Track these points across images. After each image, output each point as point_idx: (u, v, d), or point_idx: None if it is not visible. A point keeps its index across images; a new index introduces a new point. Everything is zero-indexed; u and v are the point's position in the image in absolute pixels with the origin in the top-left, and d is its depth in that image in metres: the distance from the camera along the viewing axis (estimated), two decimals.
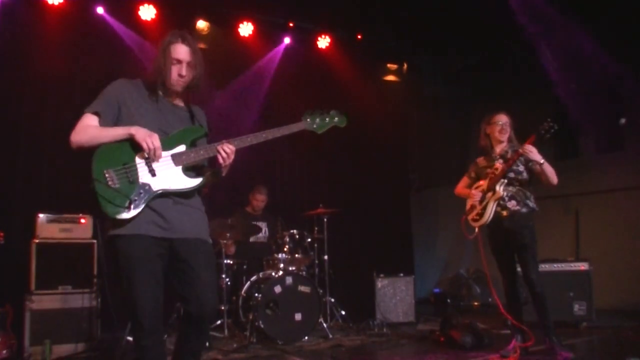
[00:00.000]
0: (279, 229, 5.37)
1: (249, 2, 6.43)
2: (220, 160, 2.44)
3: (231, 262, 5.29)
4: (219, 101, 6.31)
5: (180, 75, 2.47)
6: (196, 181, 2.44)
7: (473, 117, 8.69)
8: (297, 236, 5.23)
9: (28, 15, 5.41)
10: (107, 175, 2.27)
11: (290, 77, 6.83)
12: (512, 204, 3.95)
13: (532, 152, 3.84)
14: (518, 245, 3.95)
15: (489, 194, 4.01)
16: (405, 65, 7.82)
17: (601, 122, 7.21)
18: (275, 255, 5.11)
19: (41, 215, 4.40)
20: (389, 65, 7.77)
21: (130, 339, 4.33)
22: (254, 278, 5.07)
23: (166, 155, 2.39)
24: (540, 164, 3.89)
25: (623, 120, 6.83)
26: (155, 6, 5.97)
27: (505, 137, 4.12)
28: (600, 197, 7.17)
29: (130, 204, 2.27)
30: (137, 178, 2.32)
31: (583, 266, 5.37)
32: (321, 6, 6.46)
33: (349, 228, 6.70)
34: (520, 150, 3.83)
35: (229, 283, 5.13)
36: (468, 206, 4.23)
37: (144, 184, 2.33)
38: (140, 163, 2.35)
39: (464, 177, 4.39)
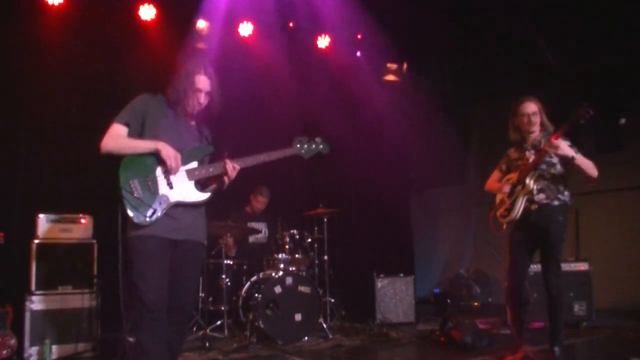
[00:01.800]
0: (279, 229, 5.37)
1: (249, 2, 6.42)
2: (226, 178, 2.82)
3: (231, 262, 5.30)
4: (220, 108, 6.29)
5: (199, 103, 2.83)
6: (206, 195, 2.80)
7: (473, 117, 8.71)
8: (297, 236, 5.23)
9: (28, 15, 5.41)
10: (132, 184, 2.61)
11: (290, 77, 6.82)
12: (540, 197, 3.66)
13: (559, 148, 3.50)
14: (544, 242, 3.68)
15: (519, 187, 3.70)
16: (405, 65, 7.82)
17: (601, 122, 7.21)
18: (275, 255, 5.11)
19: (41, 215, 4.39)
20: (389, 65, 7.77)
21: (130, 339, 4.34)
22: (254, 278, 5.08)
23: (181, 170, 2.74)
24: (572, 159, 3.54)
25: (623, 120, 6.82)
26: (155, 6, 5.96)
27: (535, 127, 3.75)
28: (600, 197, 7.17)
29: (151, 211, 2.62)
30: (157, 189, 2.66)
31: (583, 266, 5.37)
32: (321, 6, 6.45)
33: (349, 228, 6.71)
34: (546, 147, 3.52)
35: (229, 283, 5.13)
36: (497, 201, 3.94)
37: (163, 195, 2.67)
38: (160, 176, 2.69)
39: (495, 170, 4.06)
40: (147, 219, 2.60)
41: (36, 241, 4.30)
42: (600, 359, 4.37)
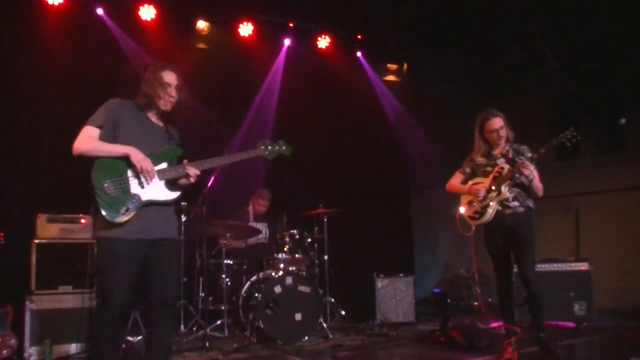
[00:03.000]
0: (279, 229, 5.37)
1: (249, 2, 6.42)
2: (190, 179, 2.94)
3: (231, 262, 5.29)
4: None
5: (171, 97, 2.93)
6: (175, 194, 2.93)
7: (473, 117, 8.69)
8: (297, 236, 5.22)
9: (28, 15, 5.41)
10: (105, 184, 2.72)
11: (290, 77, 6.83)
12: (514, 204, 3.95)
13: (528, 169, 3.82)
14: (517, 242, 3.92)
15: (492, 193, 3.97)
16: (405, 65, 7.82)
17: (601, 122, 7.21)
18: (276, 255, 5.11)
19: (41, 215, 4.39)
20: (389, 65, 7.77)
21: (130, 338, 4.34)
22: (254, 278, 5.07)
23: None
24: (530, 180, 3.89)
25: (623, 120, 6.83)
26: (155, 6, 5.96)
27: (503, 140, 4.08)
28: (600, 197, 7.17)
29: (125, 209, 2.72)
30: (129, 188, 2.78)
31: (583, 266, 5.37)
32: (321, 6, 6.45)
33: (349, 228, 6.70)
34: (520, 168, 3.82)
35: (229, 283, 5.13)
36: (464, 202, 4.19)
37: (135, 194, 2.78)
38: (131, 176, 2.81)
39: (456, 172, 4.31)
40: (121, 215, 2.71)
41: (36, 241, 4.30)
42: (600, 359, 4.37)
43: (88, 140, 2.81)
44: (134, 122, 2.90)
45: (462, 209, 4.20)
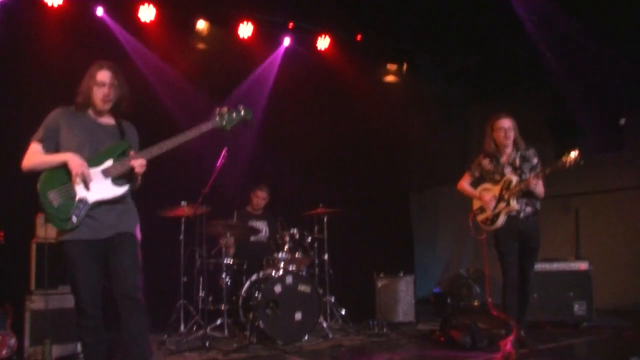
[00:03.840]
0: (279, 228, 5.38)
1: (249, 2, 6.42)
2: (136, 172, 2.87)
3: (231, 262, 5.29)
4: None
5: (105, 96, 2.93)
6: (124, 188, 2.90)
7: (473, 117, 8.70)
8: (297, 236, 5.23)
9: (28, 16, 5.40)
10: (50, 195, 2.77)
11: (290, 77, 6.83)
12: (528, 211, 4.17)
13: (535, 186, 4.03)
14: (530, 249, 4.18)
15: (502, 204, 4.14)
16: (405, 65, 7.82)
17: (601, 122, 7.21)
18: (275, 255, 5.11)
19: (41, 215, 4.39)
20: (389, 65, 7.77)
21: None
22: (254, 278, 5.08)
23: (96, 170, 2.85)
24: (532, 190, 4.08)
25: (623, 120, 6.82)
26: (155, 6, 5.96)
27: (510, 141, 4.21)
28: (600, 197, 7.17)
29: (71, 216, 2.75)
30: (74, 194, 2.80)
31: (583, 266, 5.37)
32: (321, 6, 6.45)
33: (349, 228, 6.70)
34: (526, 182, 4.03)
35: (229, 283, 5.13)
36: (477, 206, 4.35)
37: (81, 198, 2.80)
38: (75, 182, 2.79)
39: (466, 173, 4.46)
40: (70, 224, 2.75)
41: (36, 241, 4.30)
42: (600, 359, 4.37)
43: (31, 156, 2.89)
44: (74, 126, 2.91)
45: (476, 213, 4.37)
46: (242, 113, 2.98)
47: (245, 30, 6.52)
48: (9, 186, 5.08)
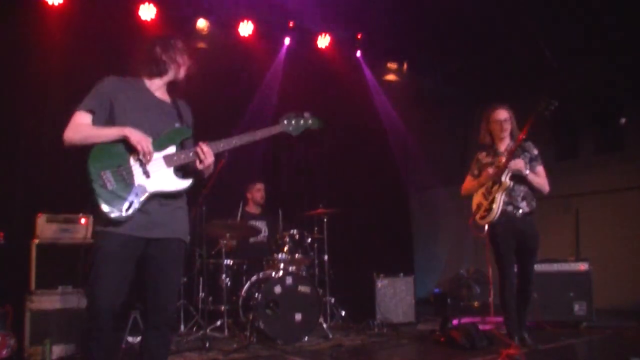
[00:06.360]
0: (279, 229, 5.37)
1: (249, 2, 6.42)
2: (201, 165, 2.52)
3: (231, 262, 5.29)
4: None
5: (177, 77, 2.64)
6: (187, 182, 2.52)
7: (473, 117, 8.69)
8: (297, 236, 5.22)
9: (28, 16, 5.40)
10: (104, 176, 2.34)
11: (290, 77, 6.83)
12: (524, 205, 4.08)
13: (516, 166, 3.95)
14: (528, 250, 4.13)
15: (495, 187, 4.06)
16: (405, 65, 7.82)
17: (601, 122, 7.21)
18: (275, 255, 5.11)
19: (41, 215, 4.39)
20: (389, 65, 7.77)
21: (130, 339, 4.34)
22: (254, 278, 5.07)
23: (158, 156, 2.46)
24: (524, 176, 4.00)
25: (623, 120, 6.83)
26: (155, 5, 5.96)
27: (506, 134, 4.16)
28: (600, 197, 7.18)
29: (127, 205, 2.34)
30: (132, 180, 2.39)
31: (583, 266, 5.37)
32: (321, 6, 6.45)
33: (349, 228, 6.70)
34: (505, 164, 3.96)
35: (229, 283, 5.13)
36: (474, 206, 4.30)
37: (140, 185, 2.39)
38: (134, 165, 2.41)
39: (468, 176, 4.42)
40: (124, 213, 2.34)
41: (36, 241, 4.29)
42: (600, 359, 4.37)
43: (78, 127, 2.44)
44: (133, 100, 2.52)
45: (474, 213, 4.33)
46: (309, 122, 2.82)
47: (246, 29, 6.53)
48: (9, 186, 5.08)
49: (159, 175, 2.45)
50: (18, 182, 5.16)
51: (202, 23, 6.36)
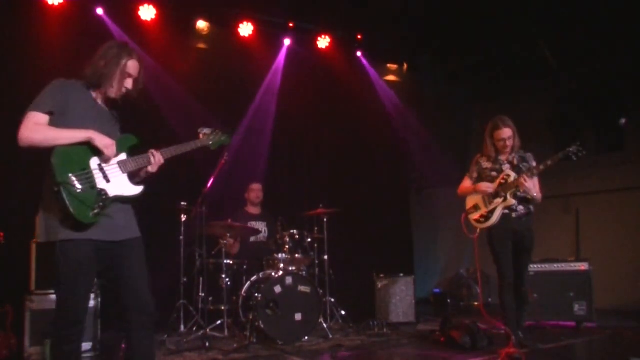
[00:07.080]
0: (279, 229, 5.37)
1: (249, 2, 6.43)
2: (150, 169, 2.62)
3: (231, 262, 5.29)
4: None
5: (125, 89, 2.63)
6: (140, 188, 2.60)
7: (473, 117, 8.71)
8: (297, 236, 5.22)
9: (28, 15, 5.40)
10: (71, 180, 2.34)
11: (290, 77, 6.83)
12: (521, 209, 4.17)
13: (524, 186, 4.03)
14: (524, 249, 4.18)
15: (499, 199, 4.15)
16: (405, 65, 7.82)
17: (601, 122, 7.21)
18: (275, 255, 5.11)
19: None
20: (389, 65, 7.78)
21: None
22: (254, 278, 5.07)
23: (113, 162, 2.53)
24: (529, 193, 4.10)
25: (623, 120, 6.83)
26: (155, 6, 5.96)
27: (509, 149, 4.25)
28: (600, 197, 7.17)
29: (95, 208, 2.37)
30: (95, 184, 2.42)
31: (583, 266, 5.37)
32: (321, 6, 6.46)
33: (349, 228, 6.70)
34: (519, 182, 4.04)
35: (229, 283, 5.13)
36: (470, 205, 4.34)
37: (102, 190, 2.43)
38: (95, 169, 2.45)
39: (465, 178, 4.45)
40: (91, 215, 2.34)
41: (36, 241, 4.29)
42: (600, 359, 4.37)
43: (37, 127, 2.44)
44: (85, 106, 2.54)
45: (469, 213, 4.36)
46: (222, 139, 2.97)
47: (246, 29, 6.53)
48: (9, 186, 5.08)
49: (117, 181, 2.51)
50: (18, 182, 5.16)
51: (202, 23, 6.36)
